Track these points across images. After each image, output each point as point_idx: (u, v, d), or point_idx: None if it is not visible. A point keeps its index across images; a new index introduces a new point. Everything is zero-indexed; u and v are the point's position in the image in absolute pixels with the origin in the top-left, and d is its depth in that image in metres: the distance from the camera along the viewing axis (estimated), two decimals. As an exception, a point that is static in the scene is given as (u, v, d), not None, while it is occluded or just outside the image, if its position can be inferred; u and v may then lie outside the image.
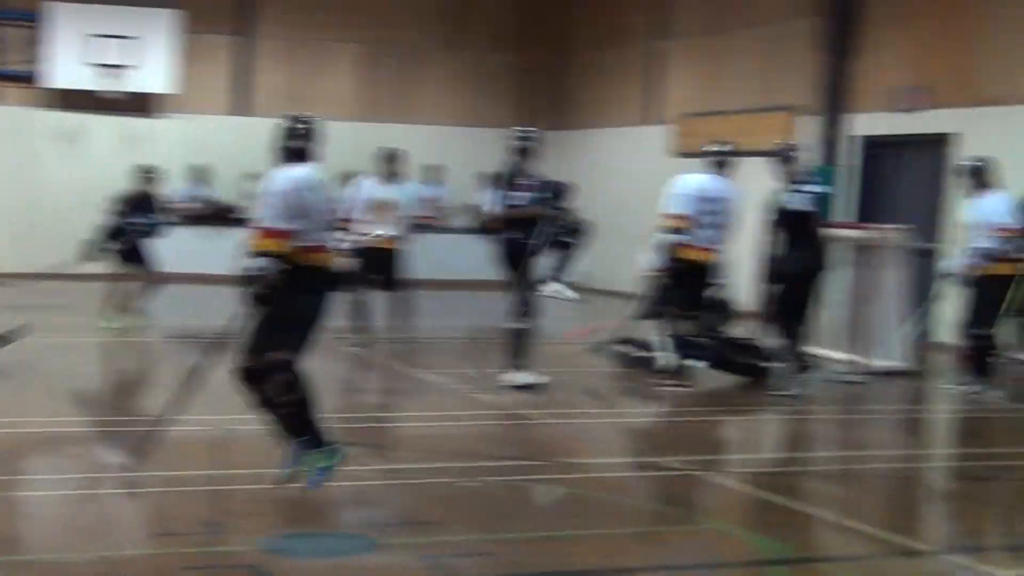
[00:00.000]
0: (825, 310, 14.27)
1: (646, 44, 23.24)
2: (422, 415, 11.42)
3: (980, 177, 12.74)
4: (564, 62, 25.70)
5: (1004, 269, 12.56)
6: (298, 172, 7.83)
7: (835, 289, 14.43)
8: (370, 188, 14.90)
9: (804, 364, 12.42)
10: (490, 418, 11.22)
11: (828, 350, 14.93)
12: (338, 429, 9.94)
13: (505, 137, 12.59)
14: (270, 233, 7.64)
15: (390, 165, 14.91)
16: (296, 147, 7.92)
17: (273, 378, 7.62)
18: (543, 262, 12.55)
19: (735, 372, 12.94)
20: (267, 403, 7.74)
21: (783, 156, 12.50)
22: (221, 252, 19.19)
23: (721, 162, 12.59)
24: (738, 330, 13.72)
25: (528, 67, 25.71)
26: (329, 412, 10.96)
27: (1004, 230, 12.42)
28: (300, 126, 8.00)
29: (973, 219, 12.64)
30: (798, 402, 11.99)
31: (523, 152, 12.24)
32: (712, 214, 12.34)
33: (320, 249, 7.79)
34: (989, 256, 12.41)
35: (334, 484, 7.70)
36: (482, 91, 25.52)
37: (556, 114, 25.70)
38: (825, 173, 18.41)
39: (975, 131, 16.33)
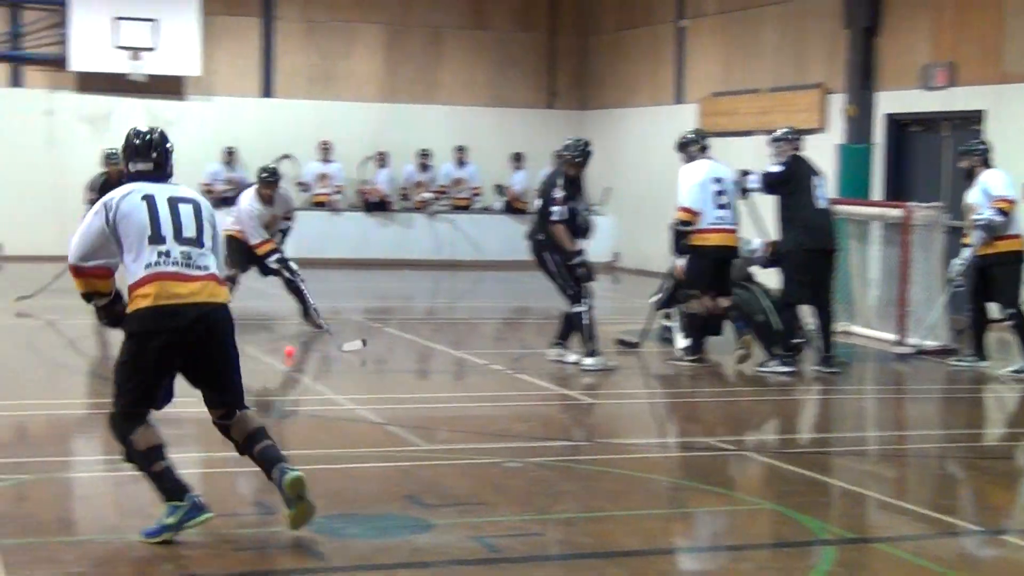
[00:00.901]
0: (866, 289, 14.28)
1: (672, 23, 23.19)
2: (466, 395, 11.48)
3: (978, 157, 12.76)
4: (590, 41, 25.68)
5: (1012, 245, 12.58)
6: (126, 187, 6.68)
7: (871, 268, 14.44)
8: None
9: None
10: (533, 399, 11.24)
11: (867, 329, 14.94)
12: (386, 411, 10.06)
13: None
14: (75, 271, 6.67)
15: (273, 187, 14.54)
16: (133, 169, 6.79)
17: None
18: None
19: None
20: None
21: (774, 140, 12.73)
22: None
23: (705, 146, 12.88)
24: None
25: (554, 46, 25.68)
26: (376, 393, 11.11)
27: (1005, 201, 12.43)
28: (137, 141, 6.85)
29: (974, 198, 12.68)
30: (838, 380, 12.09)
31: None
32: (721, 195, 12.55)
33: (145, 283, 6.51)
34: (991, 229, 12.41)
35: (384, 464, 7.71)
36: (507, 71, 25.48)
37: (583, 93, 25.73)
38: (854, 152, 18.40)
39: (1001, 109, 16.28)
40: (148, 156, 6.80)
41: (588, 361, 12.19)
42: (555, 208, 12.15)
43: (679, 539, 7.16)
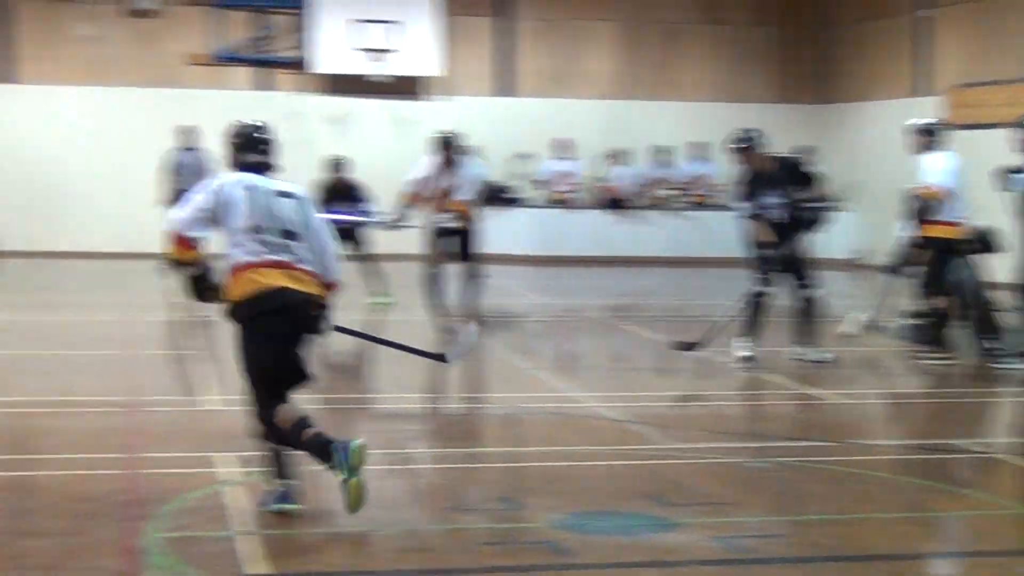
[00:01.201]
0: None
1: (913, 13, 22.70)
2: (707, 394, 11.43)
3: None
4: (828, 34, 25.29)
5: None
6: (232, 175, 6.97)
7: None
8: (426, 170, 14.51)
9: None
10: (776, 398, 11.16)
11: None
12: (627, 408, 10.08)
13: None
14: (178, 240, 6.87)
15: (447, 151, 14.41)
16: (242, 160, 7.06)
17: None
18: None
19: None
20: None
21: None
22: (504, 232, 19.47)
23: (944, 137, 12.67)
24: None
25: (791, 40, 25.37)
26: (616, 391, 11.16)
27: None
28: (246, 134, 7.16)
29: None
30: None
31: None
32: (961, 187, 12.43)
33: (246, 268, 6.76)
34: None
35: (626, 462, 7.73)
36: (744, 66, 25.28)
37: (820, 88, 25.36)
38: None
39: None
40: (258, 149, 7.07)
41: (738, 344, 12.22)
42: (738, 205, 12.39)
43: (928, 543, 7.01)
